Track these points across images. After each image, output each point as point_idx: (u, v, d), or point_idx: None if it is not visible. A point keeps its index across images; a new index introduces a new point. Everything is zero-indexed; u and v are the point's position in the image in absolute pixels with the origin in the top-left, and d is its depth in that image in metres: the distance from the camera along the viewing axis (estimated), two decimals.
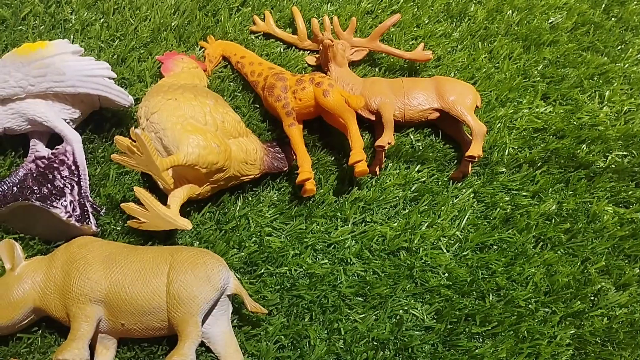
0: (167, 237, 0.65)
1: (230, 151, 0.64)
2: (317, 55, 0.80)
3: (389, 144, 0.68)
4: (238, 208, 0.68)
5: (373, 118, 0.73)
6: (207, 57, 0.77)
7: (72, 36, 0.78)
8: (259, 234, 0.67)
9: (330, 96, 0.67)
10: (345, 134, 0.70)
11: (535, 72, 0.82)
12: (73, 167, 0.65)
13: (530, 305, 0.65)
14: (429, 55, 0.79)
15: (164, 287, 0.55)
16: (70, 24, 0.79)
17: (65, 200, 0.63)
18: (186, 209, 0.66)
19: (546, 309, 0.65)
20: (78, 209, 0.63)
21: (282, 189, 0.70)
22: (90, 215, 0.63)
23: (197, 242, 0.65)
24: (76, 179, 0.64)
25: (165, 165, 0.58)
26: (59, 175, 0.64)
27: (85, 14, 0.80)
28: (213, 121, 0.65)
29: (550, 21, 0.88)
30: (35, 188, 0.64)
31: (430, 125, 0.76)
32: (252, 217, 0.67)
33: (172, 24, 0.80)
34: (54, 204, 0.62)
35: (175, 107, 0.64)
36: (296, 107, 0.69)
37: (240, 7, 0.84)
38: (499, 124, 0.76)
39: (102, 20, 0.80)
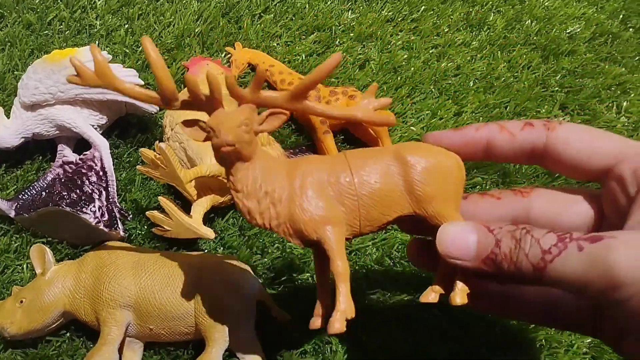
0: (192, 243, 0.66)
1: None
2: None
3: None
4: None
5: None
6: (233, 63, 0.78)
7: (97, 41, 0.79)
8: (281, 240, 0.67)
9: None
10: (370, 145, 0.72)
11: (554, 82, 0.83)
12: (101, 173, 0.66)
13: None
14: (389, 118, 0.45)
15: None
16: (95, 29, 0.80)
17: (94, 206, 0.64)
18: (210, 215, 0.67)
19: None
20: (106, 215, 0.64)
21: None
22: (118, 220, 0.64)
23: (221, 248, 0.66)
24: (104, 185, 0.66)
25: (188, 177, 0.59)
26: (87, 181, 0.65)
27: (110, 20, 0.81)
28: None
29: (568, 31, 0.88)
30: (65, 194, 0.65)
31: None
32: None
33: (196, 30, 0.81)
34: (84, 209, 0.63)
35: (199, 117, 0.64)
36: None
37: (262, 14, 0.85)
38: None
39: (126, 26, 0.81)
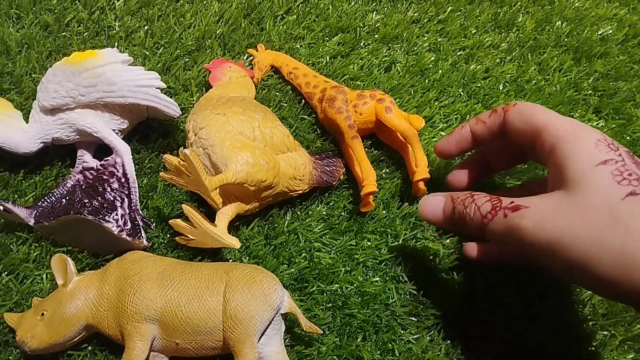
0: (216, 252, 0.64)
1: (278, 168, 0.63)
2: None
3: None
4: (287, 222, 0.66)
5: None
6: (256, 65, 0.76)
7: (116, 43, 0.77)
8: (308, 249, 0.65)
9: (393, 113, 0.66)
10: (399, 152, 0.70)
11: (586, 85, 0.80)
12: (123, 180, 0.64)
13: (588, 329, 0.63)
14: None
15: (220, 307, 0.54)
16: (114, 31, 0.78)
17: (116, 214, 0.61)
18: (235, 223, 0.65)
19: (605, 333, 0.63)
20: (129, 223, 0.61)
21: (331, 204, 0.69)
22: (142, 229, 0.62)
23: (247, 258, 0.64)
24: (126, 192, 0.63)
25: (213, 184, 0.57)
26: (109, 188, 0.63)
27: (129, 21, 0.79)
28: (262, 136, 0.63)
29: (600, 33, 0.86)
30: (86, 201, 0.62)
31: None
32: (302, 232, 0.66)
33: (217, 32, 0.79)
34: (106, 217, 0.61)
35: (223, 123, 0.62)
36: (356, 121, 0.67)
37: (284, 15, 0.82)
38: None
39: (146, 27, 0.79)
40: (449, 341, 0.62)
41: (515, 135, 0.54)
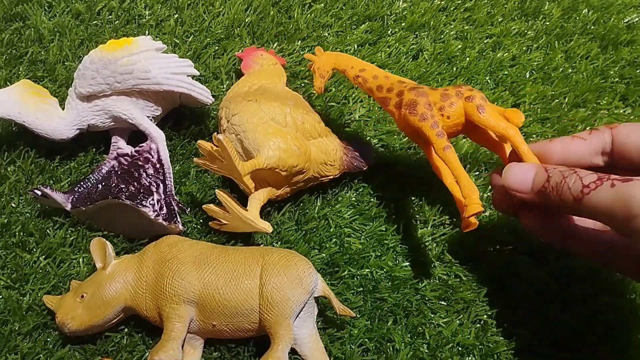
0: (249, 236, 0.65)
1: (310, 153, 0.63)
2: None
3: None
4: (317, 208, 0.67)
5: None
6: (316, 72, 0.68)
7: (147, 31, 0.78)
8: (339, 235, 0.66)
9: (486, 112, 0.56)
10: (495, 152, 0.62)
11: (613, 73, 0.80)
12: (158, 166, 0.65)
13: (623, 315, 0.64)
14: None
15: (257, 289, 0.55)
16: (145, 20, 0.79)
17: (152, 199, 0.63)
18: (266, 209, 0.66)
19: None
20: (165, 208, 0.63)
21: (360, 190, 0.69)
22: (177, 214, 0.63)
23: (279, 243, 0.65)
24: (161, 178, 0.64)
25: (246, 169, 0.58)
26: (144, 174, 0.64)
27: (159, 9, 0.80)
28: (293, 122, 0.64)
29: (626, 21, 0.86)
30: (123, 186, 0.64)
31: None
32: (332, 218, 0.67)
33: (246, 20, 0.80)
34: (143, 202, 0.62)
35: (256, 109, 0.63)
36: (444, 126, 0.58)
37: (312, 3, 0.83)
38: (580, 126, 0.74)
39: (176, 15, 0.80)
40: (478, 325, 0.62)
41: (628, 154, 0.51)
